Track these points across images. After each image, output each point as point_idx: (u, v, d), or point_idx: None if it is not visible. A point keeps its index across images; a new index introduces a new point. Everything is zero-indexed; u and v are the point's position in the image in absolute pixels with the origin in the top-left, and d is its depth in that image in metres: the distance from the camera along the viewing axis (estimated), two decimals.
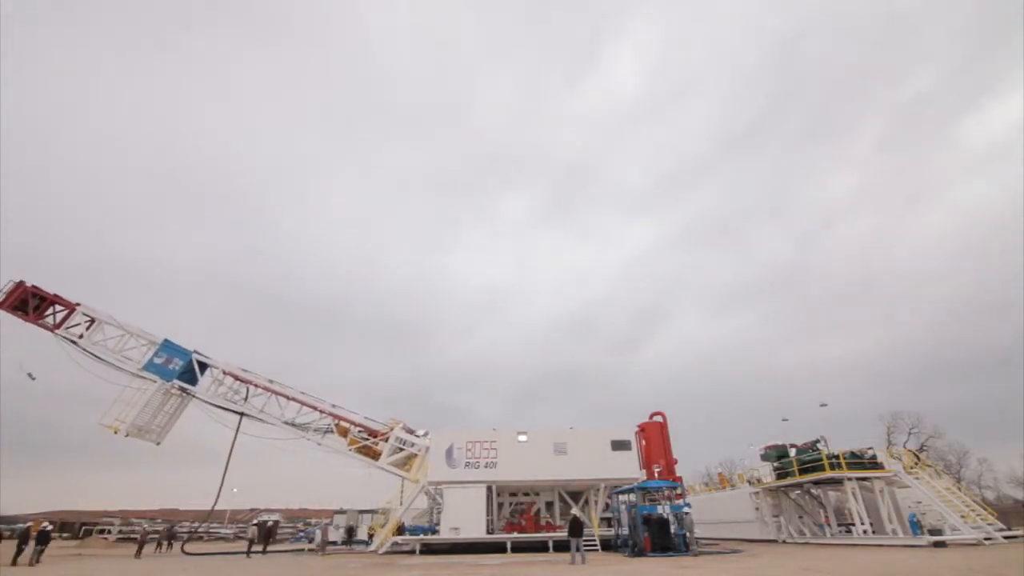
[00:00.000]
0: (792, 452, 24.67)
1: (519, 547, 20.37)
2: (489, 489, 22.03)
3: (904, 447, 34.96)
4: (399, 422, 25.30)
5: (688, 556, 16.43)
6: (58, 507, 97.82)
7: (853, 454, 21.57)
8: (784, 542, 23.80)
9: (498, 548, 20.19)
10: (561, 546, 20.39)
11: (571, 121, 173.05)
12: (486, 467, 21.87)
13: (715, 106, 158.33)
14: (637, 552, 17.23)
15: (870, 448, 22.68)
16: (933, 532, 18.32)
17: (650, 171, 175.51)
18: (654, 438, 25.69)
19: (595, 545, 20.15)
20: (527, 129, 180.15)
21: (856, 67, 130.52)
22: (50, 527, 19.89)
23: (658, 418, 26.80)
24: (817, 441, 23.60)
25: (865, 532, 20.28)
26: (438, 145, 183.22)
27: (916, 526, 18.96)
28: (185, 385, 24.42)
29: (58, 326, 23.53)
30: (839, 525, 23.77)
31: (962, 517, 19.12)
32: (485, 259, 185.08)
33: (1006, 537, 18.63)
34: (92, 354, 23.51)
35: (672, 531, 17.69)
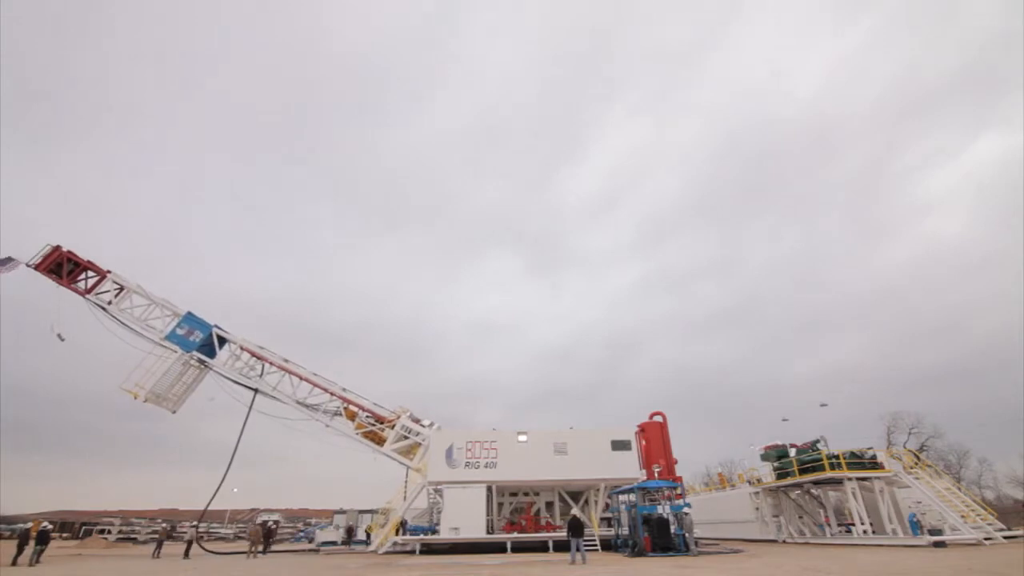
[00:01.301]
0: (792, 452, 24.65)
1: (519, 547, 20.35)
2: (489, 489, 22.02)
3: (904, 447, 35.00)
4: (406, 410, 25.60)
5: (688, 556, 16.43)
6: (58, 507, 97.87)
7: (853, 454, 21.56)
8: (784, 542, 23.79)
9: (498, 548, 20.18)
10: (561, 546, 20.37)
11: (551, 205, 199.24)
12: (486, 467, 21.86)
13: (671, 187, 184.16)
14: (637, 552, 17.22)
15: (870, 448, 22.67)
16: (933, 532, 18.30)
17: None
18: (654, 438, 25.69)
19: (595, 545, 20.14)
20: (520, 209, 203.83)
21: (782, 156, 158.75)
22: (50, 527, 19.89)
23: (658, 418, 26.80)
24: (817, 441, 23.58)
25: (865, 532, 20.27)
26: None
27: (916, 526, 18.94)
28: (204, 357, 25.05)
29: (89, 291, 24.46)
30: (839, 525, 23.75)
31: (962, 517, 19.11)
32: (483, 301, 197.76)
33: (1006, 537, 18.63)
34: (119, 320, 24.38)
35: (672, 531, 17.67)
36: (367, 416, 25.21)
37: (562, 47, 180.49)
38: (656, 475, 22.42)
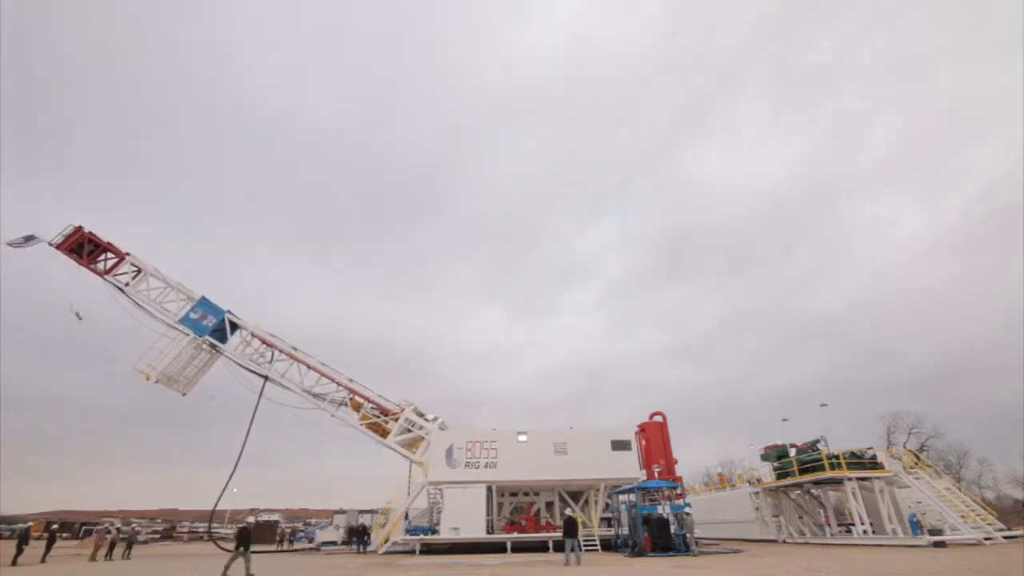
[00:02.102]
0: (792, 452, 24.65)
1: (519, 547, 20.36)
2: (489, 489, 22.03)
3: (904, 447, 34.99)
4: (411, 404, 25.83)
5: (688, 556, 16.43)
6: (58, 507, 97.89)
7: (853, 454, 21.55)
8: (784, 542, 23.79)
9: (498, 548, 20.18)
10: (561, 546, 20.38)
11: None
12: (486, 467, 21.86)
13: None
14: (637, 552, 17.23)
15: (870, 448, 22.67)
16: (933, 532, 18.30)
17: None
18: (654, 438, 25.69)
19: (595, 545, 20.14)
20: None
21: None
22: (55, 526, 19.94)
23: (658, 418, 26.80)
24: (817, 441, 23.58)
25: (865, 532, 20.27)
26: None
27: (916, 526, 18.94)
28: (215, 342, 25.44)
29: (108, 272, 24.94)
30: (839, 525, 23.75)
31: (962, 517, 19.12)
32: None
33: (1006, 537, 18.63)
34: (135, 302, 24.87)
35: (672, 531, 17.68)
36: (372, 408, 25.58)
37: (545, 167, 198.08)
38: (656, 475, 22.43)
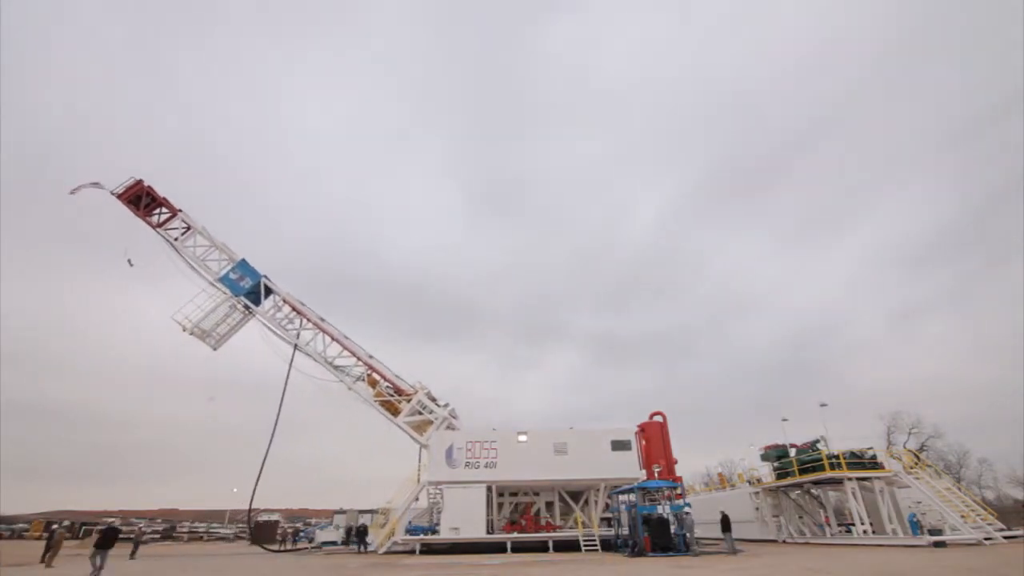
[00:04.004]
0: (792, 452, 24.64)
1: (519, 547, 20.36)
2: (489, 489, 22.03)
3: (904, 447, 35.00)
4: (425, 388, 26.44)
5: (688, 556, 16.43)
6: (58, 507, 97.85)
7: (853, 454, 21.54)
8: (784, 542, 23.78)
9: (498, 548, 20.18)
10: (561, 546, 20.41)
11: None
12: (486, 467, 21.85)
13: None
14: (637, 552, 17.21)
15: (870, 448, 22.67)
16: (933, 532, 18.30)
17: None
18: (654, 438, 25.67)
19: (595, 545, 20.14)
20: None
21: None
22: (55, 526, 19.98)
23: (658, 418, 26.78)
24: (817, 441, 23.58)
25: (865, 532, 20.26)
26: None
27: (916, 526, 18.94)
28: (249, 304, 26.57)
29: (160, 225, 26.41)
30: (839, 525, 23.75)
31: (962, 517, 19.10)
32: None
33: (1006, 537, 18.61)
34: (181, 256, 26.31)
35: (672, 531, 17.68)
36: (387, 386, 26.31)
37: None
38: (656, 475, 22.41)
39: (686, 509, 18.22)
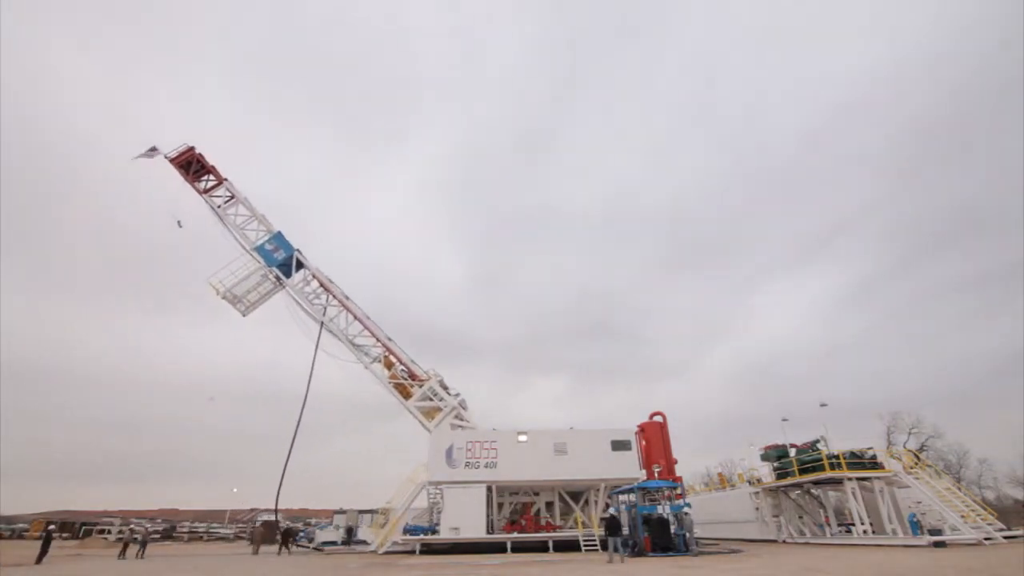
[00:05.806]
0: (792, 452, 24.65)
1: (519, 547, 20.37)
2: (489, 489, 22.02)
3: (904, 447, 34.99)
4: (438, 376, 27.12)
5: (688, 556, 16.43)
6: (58, 507, 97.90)
7: (853, 454, 21.55)
8: (784, 542, 23.78)
9: (498, 548, 20.19)
10: (561, 546, 20.41)
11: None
12: (486, 467, 21.86)
13: None
14: (637, 552, 17.22)
15: (870, 448, 22.67)
16: (933, 532, 18.30)
17: None
18: (654, 438, 25.68)
19: (595, 545, 20.15)
20: None
21: None
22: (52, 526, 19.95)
23: (658, 418, 26.79)
24: (817, 441, 23.58)
25: (865, 532, 20.26)
26: None
27: (916, 526, 18.94)
28: (281, 275, 27.45)
29: (206, 192, 27.44)
30: (839, 525, 23.75)
31: (962, 517, 19.10)
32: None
33: (1006, 537, 18.60)
34: (223, 222, 27.33)
35: (672, 531, 17.68)
36: (402, 370, 26.96)
37: None
38: (656, 475, 22.44)
39: (686, 509, 18.22)
